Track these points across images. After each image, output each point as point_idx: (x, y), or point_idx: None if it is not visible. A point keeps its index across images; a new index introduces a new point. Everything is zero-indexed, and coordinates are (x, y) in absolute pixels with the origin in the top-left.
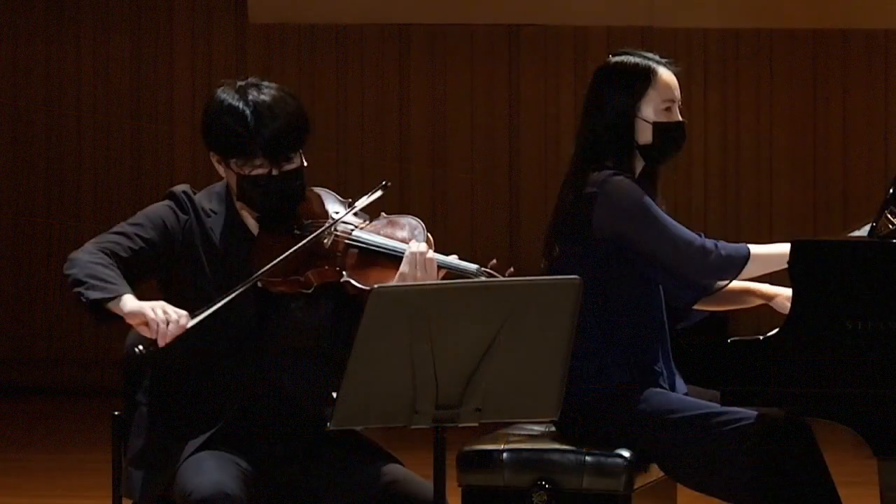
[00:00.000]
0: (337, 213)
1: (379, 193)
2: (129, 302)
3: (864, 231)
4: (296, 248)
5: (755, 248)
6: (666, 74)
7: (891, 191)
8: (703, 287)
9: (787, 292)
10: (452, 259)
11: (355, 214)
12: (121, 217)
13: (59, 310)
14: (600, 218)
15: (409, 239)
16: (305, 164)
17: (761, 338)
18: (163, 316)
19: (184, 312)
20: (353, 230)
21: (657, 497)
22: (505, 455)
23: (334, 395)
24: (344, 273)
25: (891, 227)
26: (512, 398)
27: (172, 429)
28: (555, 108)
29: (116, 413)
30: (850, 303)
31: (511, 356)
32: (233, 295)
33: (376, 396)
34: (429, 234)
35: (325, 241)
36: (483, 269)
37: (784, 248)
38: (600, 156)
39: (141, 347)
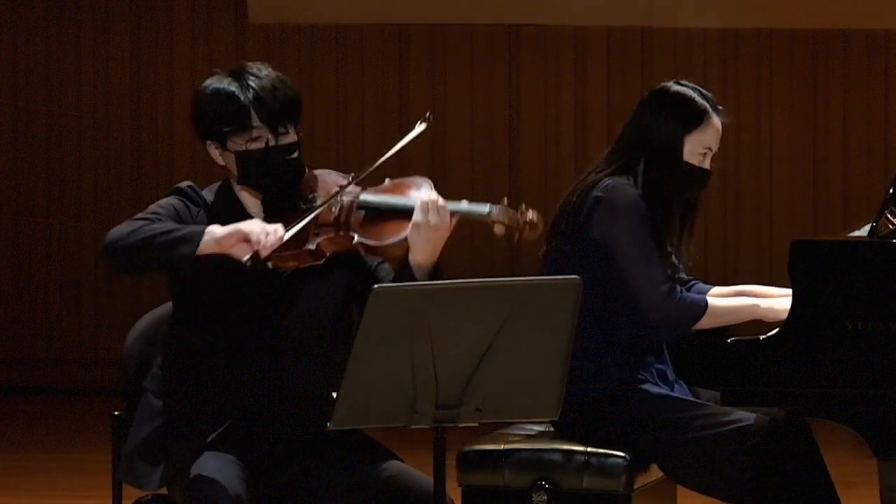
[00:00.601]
0: (340, 185)
1: (423, 127)
2: (216, 229)
3: (864, 231)
4: (315, 212)
5: (714, 303)
6: (716, 123)
7: (891, 191)
8: (650, 328)
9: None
10: (464, 204)
11: (359, 183)
12: (121, 217)
13: (59, 310)
14: (599, 220)
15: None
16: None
17: (761, 338)
18: (259, 228)
19: (278, 224)
20: (359, 194)
21: (657, 497)
22: (505, 455)
23: (334, 395)
24: (354, 235)
25: (891, 227)
26: (512, 398)
27: (173, 428)
28: (555, 108)
29: (116, 413)
30: (850, 303)
31: (511, 356)
32: (315, 213)
33: (376, 396)
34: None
35: (333, 209)
36: (495, 205)
37: (743, 302)
38: (625, 168)
39: (247, 258)
